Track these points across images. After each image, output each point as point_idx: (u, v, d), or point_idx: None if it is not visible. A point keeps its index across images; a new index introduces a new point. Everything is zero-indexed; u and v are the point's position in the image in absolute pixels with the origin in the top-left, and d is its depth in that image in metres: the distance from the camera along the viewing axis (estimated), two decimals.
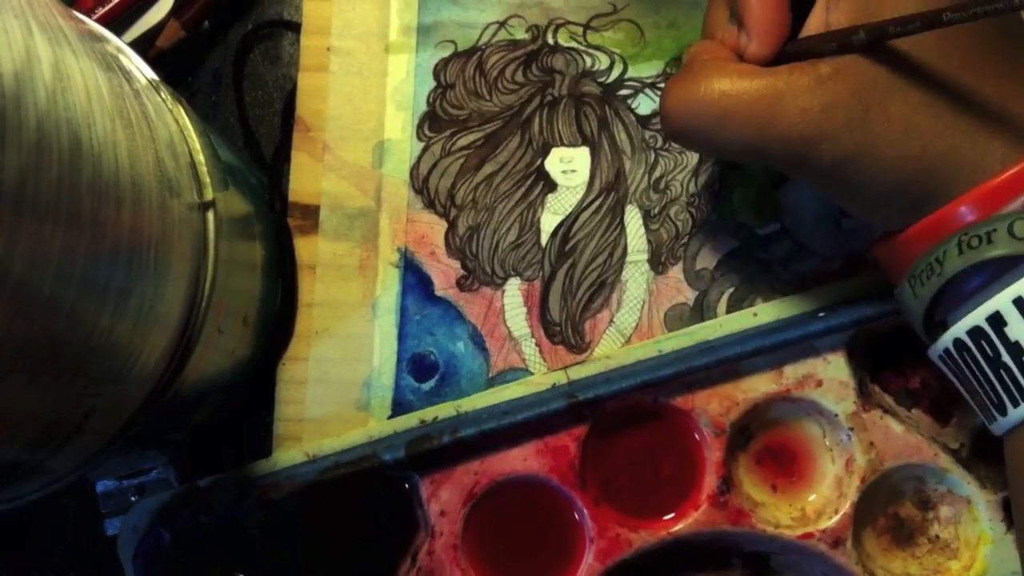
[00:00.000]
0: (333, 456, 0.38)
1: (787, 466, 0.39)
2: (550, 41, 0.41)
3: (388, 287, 0.40)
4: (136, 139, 0.27)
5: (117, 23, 0.40)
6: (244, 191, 0.36)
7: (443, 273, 0.40)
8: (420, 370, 0.40)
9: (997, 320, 0.28)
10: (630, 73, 0.41)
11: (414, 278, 0.40)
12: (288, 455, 0.38)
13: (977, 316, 0.29)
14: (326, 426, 0.39)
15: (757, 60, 0.31)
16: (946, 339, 0.30)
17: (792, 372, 0.38)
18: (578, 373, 0.38)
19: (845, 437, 0.38)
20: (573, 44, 0.41)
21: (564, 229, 0.40)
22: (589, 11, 0.41)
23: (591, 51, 0.41)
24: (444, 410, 0.38)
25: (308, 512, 0.38)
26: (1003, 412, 0.29)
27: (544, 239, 0.40)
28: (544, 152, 0.41)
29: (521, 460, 0.38)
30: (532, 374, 0.40)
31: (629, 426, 0.39)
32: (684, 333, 0.39)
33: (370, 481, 0.38)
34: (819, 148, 0.29)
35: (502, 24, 0.41)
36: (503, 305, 0.40)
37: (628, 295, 0.40)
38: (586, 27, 0.41)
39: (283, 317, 0.40)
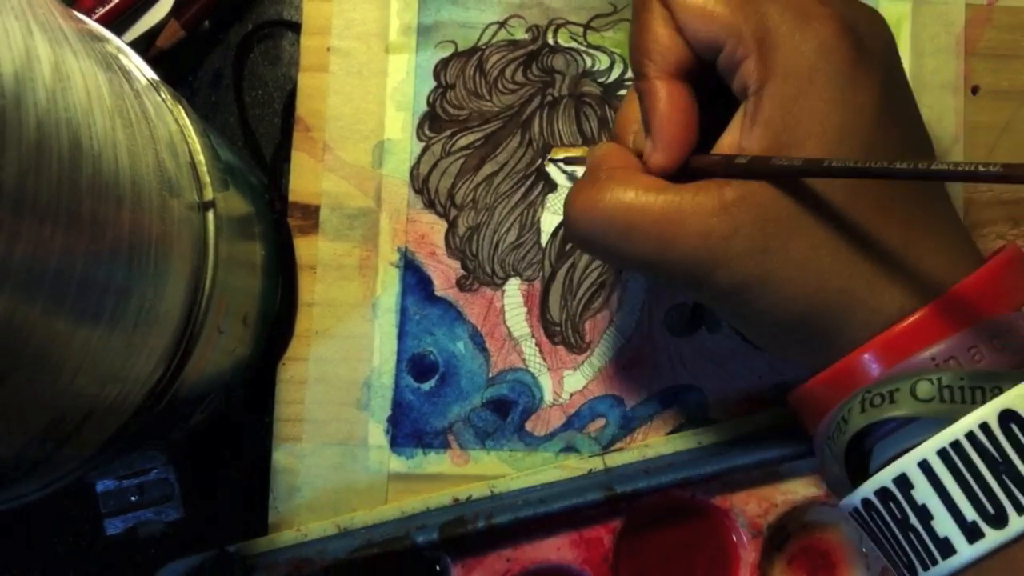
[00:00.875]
0: (365, 531, 0.37)
1: (821, 570, 0.39)
2: (550, 41, 0.41)
3: (388, 287, 0.40)
4: (136, 139, 0.27)
5: (117, 23, 0.40)
6: (244, 191, 0.36)
7: (443, 273, 0.40)
8: (420, 370, 0.40)
9: (903, 482, 0.27)
10: (630, 73, 0.41)
11: (414, 278, 0.40)
12: (318, 526, 0.38)
13: (883, 477, 0.28)
14: (326, 426, 0.39)
15: (660, 170, 0.30)
16: (854, 497, 0.29)
17: None
18: (615, 461, 0.38)
19: None
20: (573, 44, 0.41)
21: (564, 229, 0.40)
22: (589, 11, 0.41)
23: (591, 51, 0.41)
24: (478, 489, 0.38)
25: None
26: (913, 573, 0.28)
27: (544, 239, 0.40)
28: (544, 152, 0.41)
29: (555, 550, 0.38)
30: (532, 374, 0.40)
31: (665, 521, 0.39)
32: (724, 427, 0.39)
33: (401, 561, 0.38)
34: (715, 273, 0.29)
35: (502, 24, 0.41)
36: (503, 305, 0.40)
37: (628, 295, 0.40)
38: (586, 27, 0.41)
39: (283, 317, 0.40)
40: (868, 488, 0.28)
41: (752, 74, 0.28)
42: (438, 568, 0.38)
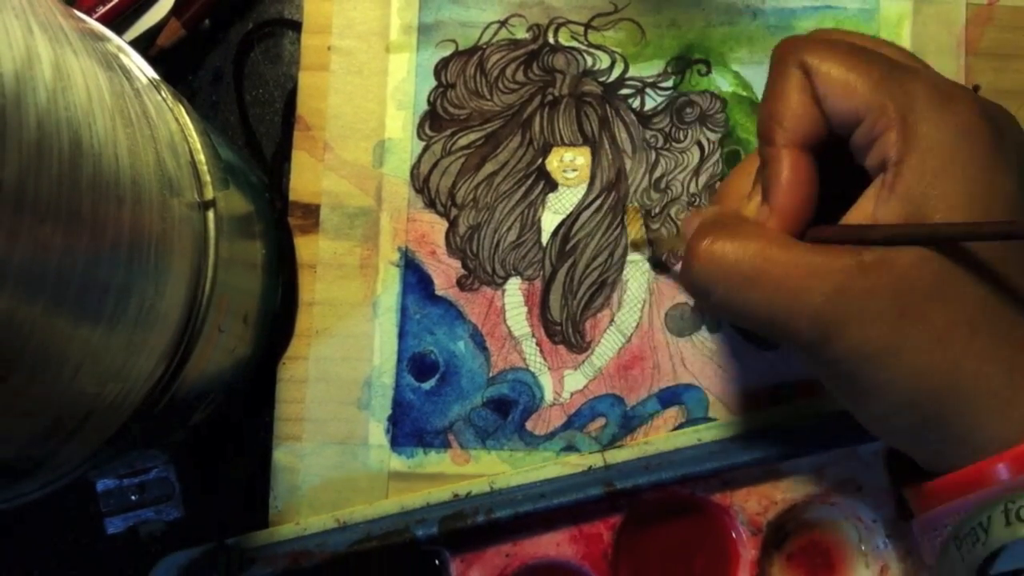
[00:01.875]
0: (364, 525, 0.37)
1: (820, 568, 0.39)
2: (551, 40, 0.41)
3: (389, 286, 0.40)
4: (136, 138, 0.27)
5: (118, 22, 0.40)
6: (245, 190, 0.36)
7: (444, 272, 0.40)
8: (420, 369, 0.40)
9: None
10: (631, 72, 0.41)
11: (414, 277, 0.40)
12: (318, 520, 0.38)
13: None
14: (327, 425, 0.39)
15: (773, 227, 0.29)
16: None
17: (833, 475, 0.38)
18: (615, 457, 0.38)
19: (882, 544, 0.38)
20: (574, 43, 0.41)
21: (565, 228, 0.40)
22: (590, 10, 0.41)
23: (592, 50, 0.41)
24: (478, 485, 0.38)
25: None
26: None
27: (545, 238, 0.40)
28: (545, 151, 0.41)
29: (554, 545, 0.38)
30: (532, 373, 0.40)
31: (665, 518, 0.39)
32: (725, 424, 0.39)
33: (400, 554, 0.38)
34: (845, 332, 0.27)
35: (503, 23, 0.41)
36: (504, 304, 0.40)
37: (629, 295, 0.40)
38: (587, 26, 0.41)
39: (283, 316, 0.40)
40: None
41: (893, 146, 0.28)
42: (437, 562, 0.38)
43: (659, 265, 0.40)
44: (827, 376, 0.30)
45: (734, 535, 0.39)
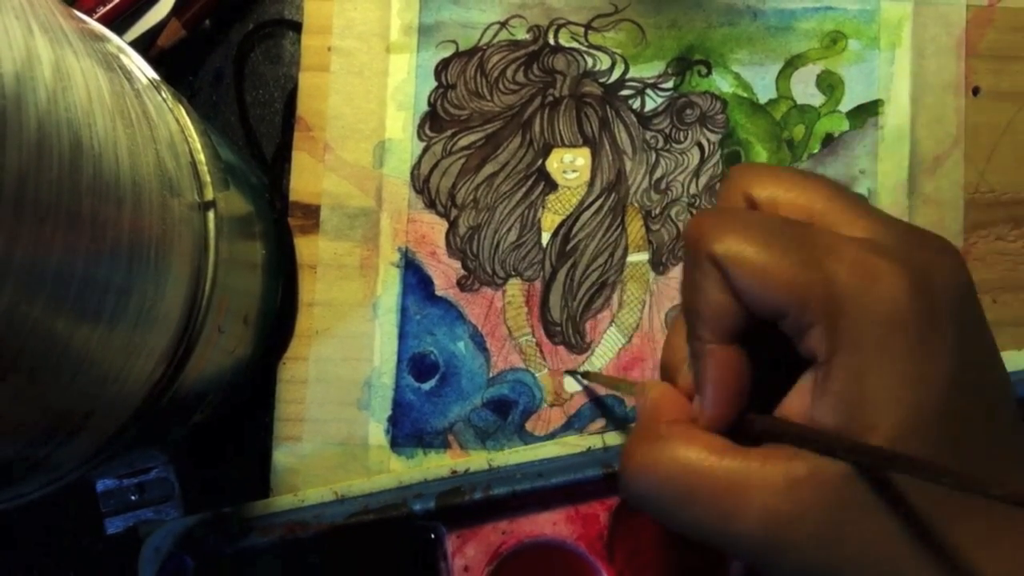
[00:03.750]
0: (362, 498, 0.38)
1: None
2: (551, 41, 0.41)
3: (389, 287, 0.40)
4: (137, 139, 0.27)
5: (118, 22, 0.40)
6: (245, 191, 0.36)
7: (444, 273, 0.40)
8: (421, 370, 0.40)
9: None
10: (631, 73, 0.41)
11: (415, 278, 0.40)
12: (316, 492, 0.38)
13: None
14: (327, 426, 0.39)
15: (711, 427, 0.28)
16: None
17: None
18: (614, 440, 0.38)
19: None
20: (574, 44, 0.41)
21: (565, 229, 0.40)
22: (590, 11, 0.41)
23: (592, 51, 0.41)
24: (476, 462, 0.38)
25: (332, 554, 0.38)
26: None
27: (545, 239, 0.40)
28: (545, 152, 0.41)
29: (550, 524, 0.38)
30: (532, 374, 0.40)
31: None
32: None
33: (396, 528, 0.38)
34: (783, 556, 0.26)
35: (503, 24, 0.41)
36: (504, 305, 0.40)
37: (629, 295, 0.40)
38: (587, 27, 0.41)
39: (284, 317, 0.40)
40: None
41: (820, 345, 0.26)
42: (432, 537, 0.38)
43: (659, 266, 0.40)
44: None
45: None
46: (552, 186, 0.41)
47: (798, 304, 0.26)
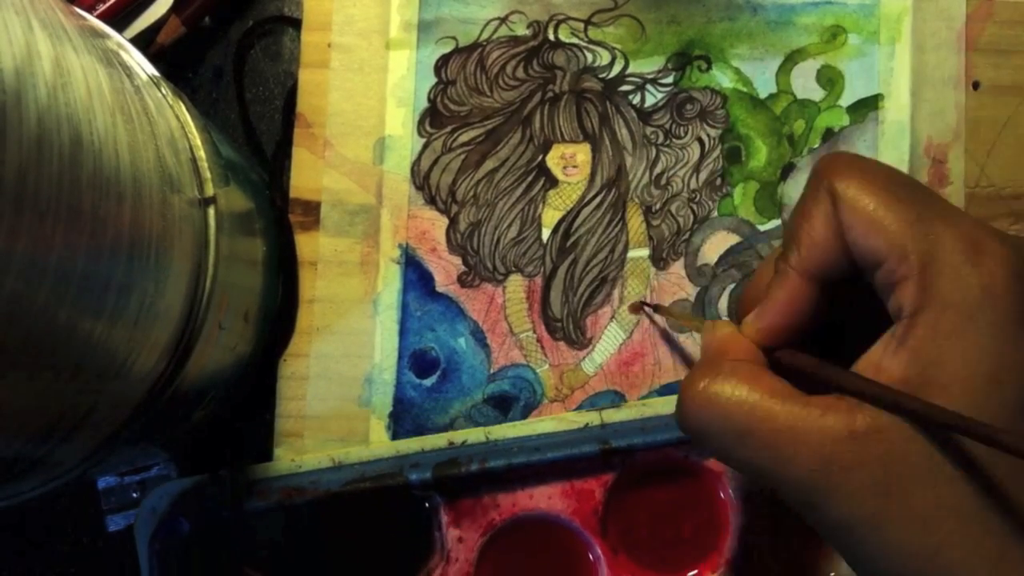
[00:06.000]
0: (359, 466, 0.38)
1: (810, 538, 0.39)
2: (551, 37, 0.41)
3: (389, 283, 0.40)
4: (137, 135, 0.27)
5: (118, 19, 0.40)
6: (245, 187, 0.36)
7: (444, 269, 0.40)
8: (421, 366, 0.40)
9: None
10: (631, 69, 0.41)
11: (415, 274, 0.40)
12: (313, 458, 0.38)
13: None
14: (328, 423, 0.39)
15: (752, 337, 0.29)
16: None
17: None
18: (612, 417, 0.38)
19: None
20: (574, 40, 0.41)
21: (565, 225, 0.40)
22: (590, 7, 0.41)
23: (592, 47, 0.41)
24: (474, 434, 0.38)
25: (328, 520, 0.38)
26: None
27: (545, 235, 0.40)
28: (545, 148, 0.41)
29: (546, 498, 0.38)
30: (533, 370, 0.40)
31: (657, 479, 0.39)
32: None
33: (392, 497, 0.38)
34: (830, 503, 0.26)
35: (503, 20, 0.41)
36: (504, 301, 0.40)
37: (629, 291, 0.40)
38: (587, 23, 0.41)
39: (284, 313, 0.40)
40: None
41: (909, 297, 0.26)
42: (428, 507, 0.38)
43: (660, 261, 0.40)
44: (819, 531, 0.29)
45: (725, 500, 0.39)
46: (552, 182, 0.41)
47: (899, 254, 0.27)
